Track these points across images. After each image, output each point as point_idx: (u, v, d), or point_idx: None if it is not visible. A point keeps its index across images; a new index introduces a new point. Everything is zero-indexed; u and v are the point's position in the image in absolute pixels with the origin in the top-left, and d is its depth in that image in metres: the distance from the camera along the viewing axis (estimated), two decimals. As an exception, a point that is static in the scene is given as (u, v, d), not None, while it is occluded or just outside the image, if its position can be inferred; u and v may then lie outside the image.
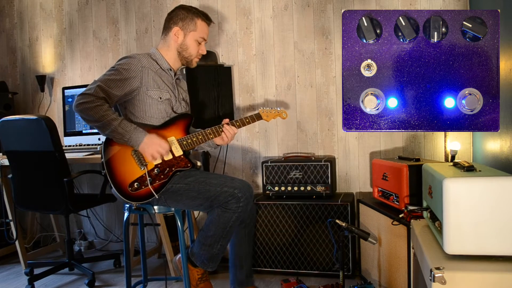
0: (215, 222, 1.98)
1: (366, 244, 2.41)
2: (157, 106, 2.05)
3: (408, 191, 2.12)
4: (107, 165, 1.93)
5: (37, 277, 2.73)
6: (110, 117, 1.86)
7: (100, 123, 1.85)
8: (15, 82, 3.80)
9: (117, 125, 1.86)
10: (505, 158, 1.93)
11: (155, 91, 2.03)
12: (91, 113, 1.84)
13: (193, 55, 2.14)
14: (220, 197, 1.96)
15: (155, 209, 2.05)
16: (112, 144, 1.95)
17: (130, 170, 1.94)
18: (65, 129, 3.35)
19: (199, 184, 1.99)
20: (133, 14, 3.42)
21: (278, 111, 2.30)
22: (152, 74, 2.04)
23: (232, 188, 1.96)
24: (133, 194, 1.93)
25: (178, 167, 2.02)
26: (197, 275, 2.05)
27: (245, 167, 3.19)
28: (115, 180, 1.92)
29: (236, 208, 1.95)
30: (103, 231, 3.60)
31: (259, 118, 2.24)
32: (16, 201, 2.74)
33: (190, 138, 2.06)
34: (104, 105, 1.86)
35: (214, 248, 2.01)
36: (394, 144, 2.88)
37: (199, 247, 2.04)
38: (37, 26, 3.71)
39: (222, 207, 1.97)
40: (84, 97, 1.85)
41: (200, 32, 2.13)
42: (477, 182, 1.25)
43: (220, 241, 2.01)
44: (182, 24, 2.10)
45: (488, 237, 1.24)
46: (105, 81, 1.91)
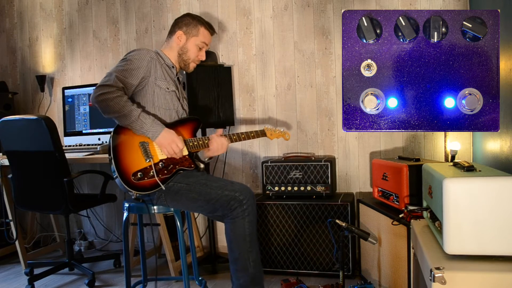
0: (233, 239, 1.95)
1: (366, 244, 2.42)
2: (165, 97, 2.11)
3: (408, 191, 2.12)
4: (113, 152, 1.95)
5: (37, 277, 2.73)
6: (130, 107, 1.92)
7: (121, 114, 1.90)
8: (15, 82, 3.80)
9: (138, 115, 1.92)
10: (505, 158, 1.93)
11: (163, 82, 2.11)
12: (112, 104, 1.88)
13: (191, 58, 2.22)
14: (221, 201, 1.95)
15: (154, 209, 2.05)
16: (120, 132, 1.99)
17: (135, 160, 1.97)
18: (65, 129, 3.35)
19: (200, 186, 2.00)
20: (133, 14, 3.42)
21: (282, 132, 2.38)
22: (159, 66, 2.12)
23: (232, 192, 1.96)
24: (135, 184, 1.95)
25: (181, 165, 2.05)
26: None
27: (245, 167, 3.19)
28: (119, 167, 1.94)
29: (242, 213, 1.94)
30: (103, 231, 3.60)
31: (264, 135, 2.32)
32: (16, 201, 2.74)
33: (197, 141, 2.12)
34: (124, 96, 1.92)
35: (249, 269, 1.95)
36: (394, 144, 2.89)
37: (236, 277, 1.98)
38: (37, 26, 3.71)
39: (228, 218, 1.95)
40: (105, 88, 1.88)
41: (201, 37, 2.22)
42: (477, 182, 1.25)
43: (250, 256, 1.95)
44: (186, 29, 2.20)
45: (488, 237, 1.24)
46: (120, 71, 1.96)
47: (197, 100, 2.86)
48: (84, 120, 3.31)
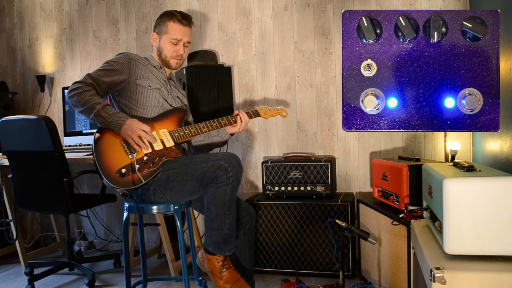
0: (213, 202, 1.97)
1: (366, 244, 2.42)
2: (148, 94, 2.15)
3: (408, 191, 2.12)
4: (96, 152, 1.99)
5: (37, 277, 2.73)
6: (94, 101, 1.96)
7: (85, 107, 1.96)
8: (15, 82, 3.80)
9: (100, 108, 1.96)
10: (505, 158, 1.93)
11: (144, 80, 2.16)
12: (78, 98, 1.96)
13: (168, 56, 2.24)
14: (208, 172, 1.95)
15: (154, 209, 2.05)
16: (103, 132, 2.02)
17: (118, 157, 1.99)
18: (65, 129, 3.35)
19: (185, 166, 2.00)
20: (133, 14, 3.42)
21: (278, 109, 2.35)
22: (140, 66, 2.18)
23: (217, 161, 1.95)
24: (120, 180, 1.95)
25: (168, 157, 2.05)
26: (217, 263, 2.03)
27: (245, 167, 3.19)
28: (102, 166, 1.97)
29: (226, 180, 1.94)
30: (103, 231, 3.60)
31: (257, 115, 2.30)
32: (16, 201, 2.74)
33: (183, 130, 2.12)
34: (90, 91, 1.99)
35: (223, 229, 1.99)
36: (394, 144, 2.89)
37: (209, 234, 2.03)
38: (37, 26, 3.71)
39: (213, 183, 1.95)
40: (74, 85, 2.00)
41: (171, 33, 2.21)
42: (477, 182, 1.25)
43: (226, 219, 1.99)
44: (158, 29, 2.25)
45: (488, 237, 1.24)
46: (95, 71, 2.08)
47: (197, 100, 2.86)
48: (84, 120, 3.31)
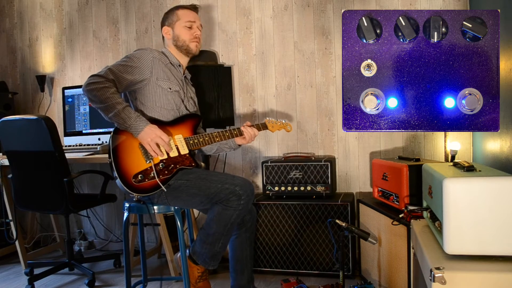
0: (216, 220, 1.98)
1: (366, 244, 2.42)
2: (167, 97, 2.10)
3: (408, 191, 2.12)
4: (113, 154, 1.94)
5: (37, 277, 2.73)
6: (115, 100, 1.89)
7: (105, 105, 1.88)
8: (15, 82, 3.80)
9: (121, 109, 1.89)
10: (505, 158, 1.93)
11: (165, 82, 2.10)
12: (98, 94, 1.87)
13: (187, 40, 2.20)
14: (221, 194, 1.96)
15: (154, 209, 2.05)
16: (120, 133, 1.97)
17: (135, 161, 1.96)
18: (65, 129, 3.35)
19: (200, 180, 2.00)
20: (133, 14, 3.42)
21: (283, 123, 2.36)
22: (162, 66, 2.12)
23: (233, 185, 1.96)
24: (136, 186, 1.94)
25: (182, 165, 2.04)
26: (197, 273, 2.05)
27: (245, 167, 3.19)
28: (120, 169, 1.93)
29: (237, 206, 1.96)
30: (103, 231, 3.60)
31: (265, 127, 2.30)
32: (16, 201, 2.74)
33: (197, 138, 2.09)
34: (111, 88, 1.90)
35: (215, 247, 2.02)
36: (394, 144, 2.89)
37: (200, 246, 2.04)
38: (37, 26, 3.71)
39: (223, 204, 1.97)
40: (94, 78, 1.90)
41: (184, 18, 2.21)
42: (477, 182, 1.25)
43: (222, 239, 2.01)
44: (167, 22, 2.23)
45: (488, 237, 1.24)
46: (117, 66, 1.98)
47: (197, 100, 2.86)
48: (84, 120, 3.31)
